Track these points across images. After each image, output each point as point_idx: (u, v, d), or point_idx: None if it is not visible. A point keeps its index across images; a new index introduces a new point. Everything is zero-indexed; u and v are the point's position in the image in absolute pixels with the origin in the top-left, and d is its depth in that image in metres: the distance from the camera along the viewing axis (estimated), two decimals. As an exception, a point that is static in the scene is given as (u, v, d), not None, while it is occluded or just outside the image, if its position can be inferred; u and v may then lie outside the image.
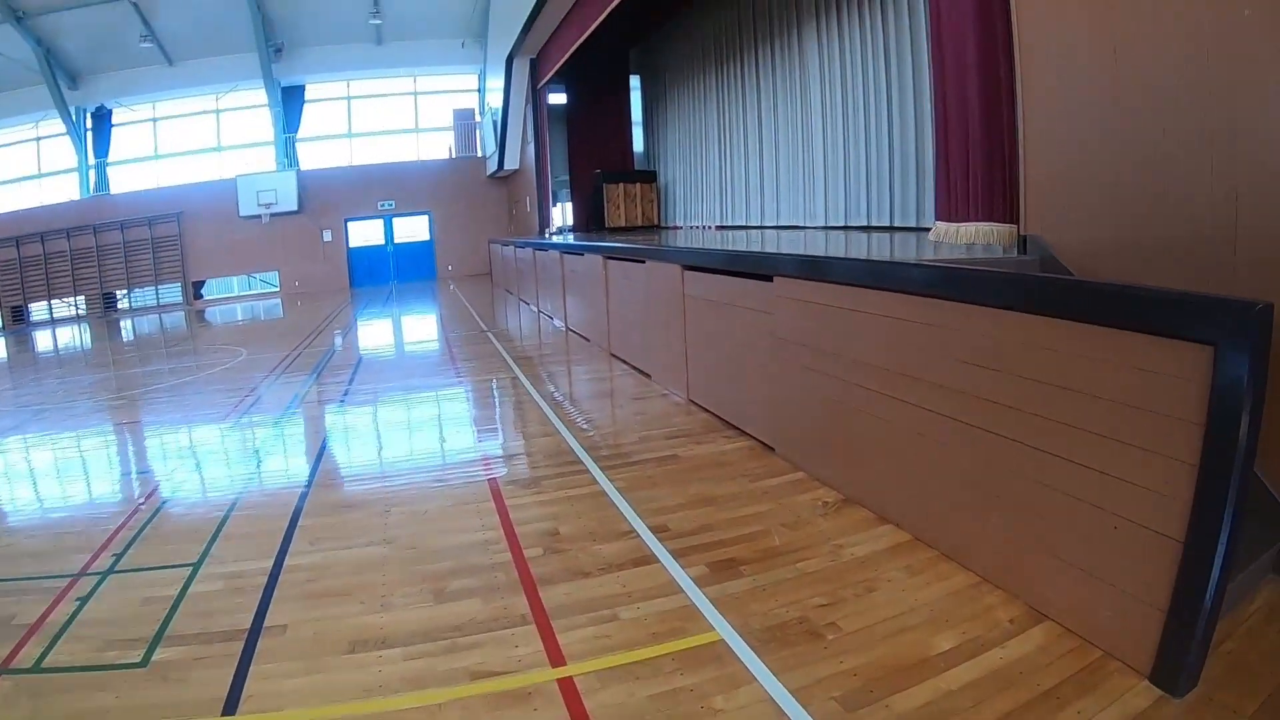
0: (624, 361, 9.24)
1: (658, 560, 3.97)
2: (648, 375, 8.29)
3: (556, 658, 3.16)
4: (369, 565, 4.11)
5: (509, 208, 26.69)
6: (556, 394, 8.00)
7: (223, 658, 3.31)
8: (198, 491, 5.62)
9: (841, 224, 12.37)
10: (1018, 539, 3.44)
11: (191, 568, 4.22)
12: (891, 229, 10.72)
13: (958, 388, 3.71)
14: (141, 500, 5.39)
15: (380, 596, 3.76)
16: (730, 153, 16.59)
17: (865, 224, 11.67)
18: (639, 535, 4.28)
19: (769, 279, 5.31)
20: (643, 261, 7.99)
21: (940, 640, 3.16)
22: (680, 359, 7.11)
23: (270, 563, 4.22)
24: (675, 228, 19.68)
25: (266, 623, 3.59)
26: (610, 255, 9.47)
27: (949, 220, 6.16)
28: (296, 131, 26.28)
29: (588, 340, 11.04)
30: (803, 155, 13.65)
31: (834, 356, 4.67)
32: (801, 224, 13.63)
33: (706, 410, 6.71)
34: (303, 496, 5.24)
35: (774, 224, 14.87)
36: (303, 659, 3.27)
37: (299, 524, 4.75)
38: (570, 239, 16.16)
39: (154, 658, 3.35)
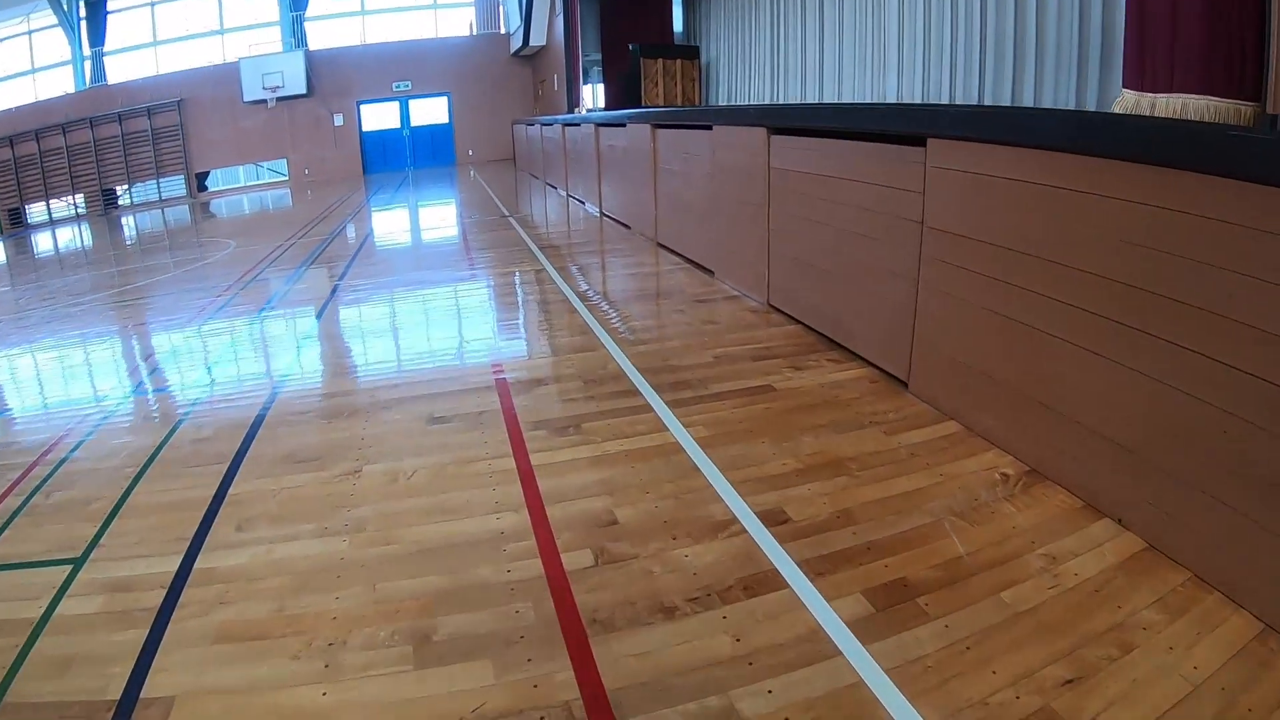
0: (675, 253, 7.57)
1: (784, 581, 2.42)
2: (709, 271, 6.63)
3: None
4: (316, 577, 2.59)
5: (534, 88, 24.65)
6: (592, 293, 6.35)
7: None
8: (117, 433, 4.12)
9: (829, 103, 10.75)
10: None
11: (71, 567, 2.78)
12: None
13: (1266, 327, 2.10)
14: (47, 449, 3.93)
15: (325, 645, 2.25)
16: (784, 26, 14.73)
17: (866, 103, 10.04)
18: (744, 528, 2.73)
19: (920, 142, 3.60)
20: (709, 127, 6.21)
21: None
22: (759, 253, 5.44)
23: (176, 562, 2.74)
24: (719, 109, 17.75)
25: (145, 690, 2.13)
26: (661, 124, 7.68)
27: (1141, 90, 4.66)
28: (305, 9, 24.18)
29: (628, 228, 9.36)
30: (872, 28, 11.98)
31: (1032, 261, 2.99)
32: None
33: (796, 320, 5.09)
34: (246, 441, 3.73)
35: (773, 104, 13.15)
36: (181, 781, 1.82)
37: (230, 490, 3.25)
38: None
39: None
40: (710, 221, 6.40)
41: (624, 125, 9.02)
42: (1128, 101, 4.79)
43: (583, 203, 12.05)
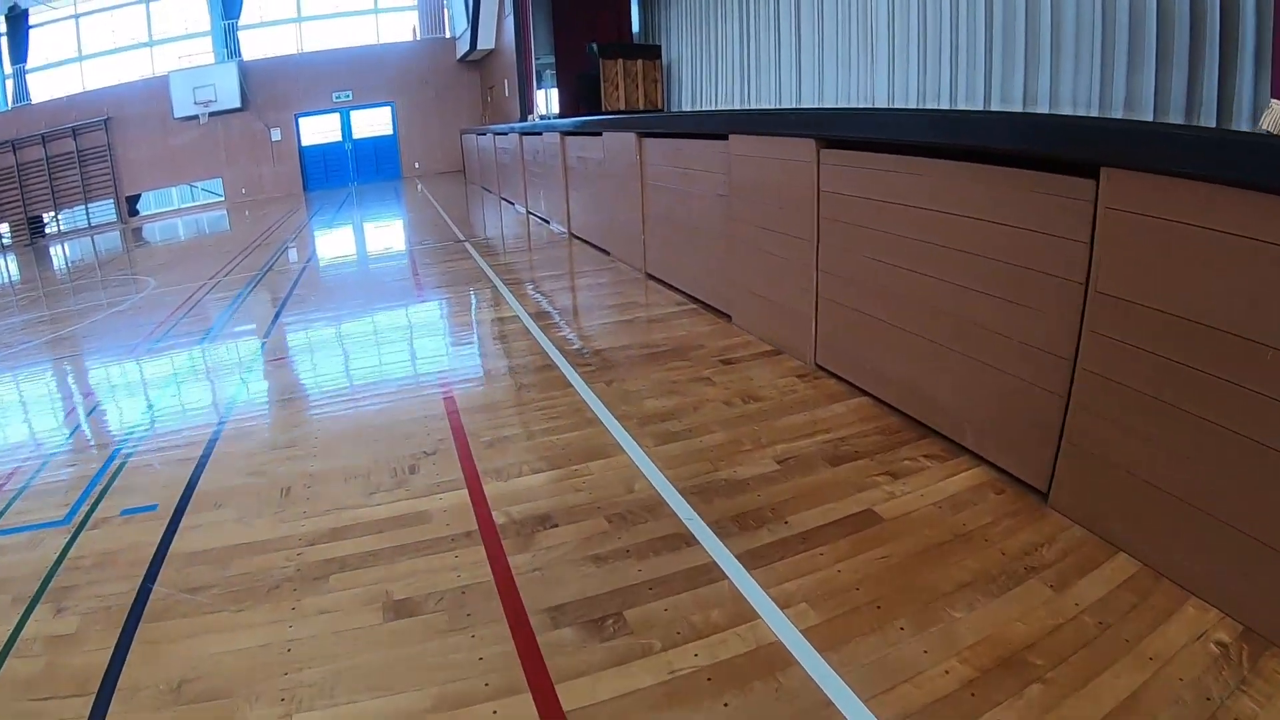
0: (673, 289, 6.44)
1: None
2: (724, 315, 5.51)
3: None
4: None
5: (483, 95, 23.47)
6: (585, 352, 5.09)
7: None
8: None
9: (913, 108, 9.72)
10: None
11: None
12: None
13: None
14: None
15: None
16: (756, 21, 13.72)
17: (948, 109, 9.02)
18: None
19: (1089, 172, 2.49)
20: (724, 137, 5.07)
21: None
22: (803, 299, 4.32)
23: None
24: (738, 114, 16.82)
25: None
26: (649, 133, 6.54)
27: (1305, 102, 3.87)
28: (238, 17, 22.70)
29: (606, 253, 8.21)
30: (858, 19, 10.89)
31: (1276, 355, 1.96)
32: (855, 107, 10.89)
33: (859, 389, 3.99)
34: (120, 651, 2.45)
35: (815, 108, 12.09)
36: None
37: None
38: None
39: None
40: (725, 255, 5.26)
41: (599, 134, 7.84)
42: (1279, 114, 3.83)
43: (546, 221, 10.89)
